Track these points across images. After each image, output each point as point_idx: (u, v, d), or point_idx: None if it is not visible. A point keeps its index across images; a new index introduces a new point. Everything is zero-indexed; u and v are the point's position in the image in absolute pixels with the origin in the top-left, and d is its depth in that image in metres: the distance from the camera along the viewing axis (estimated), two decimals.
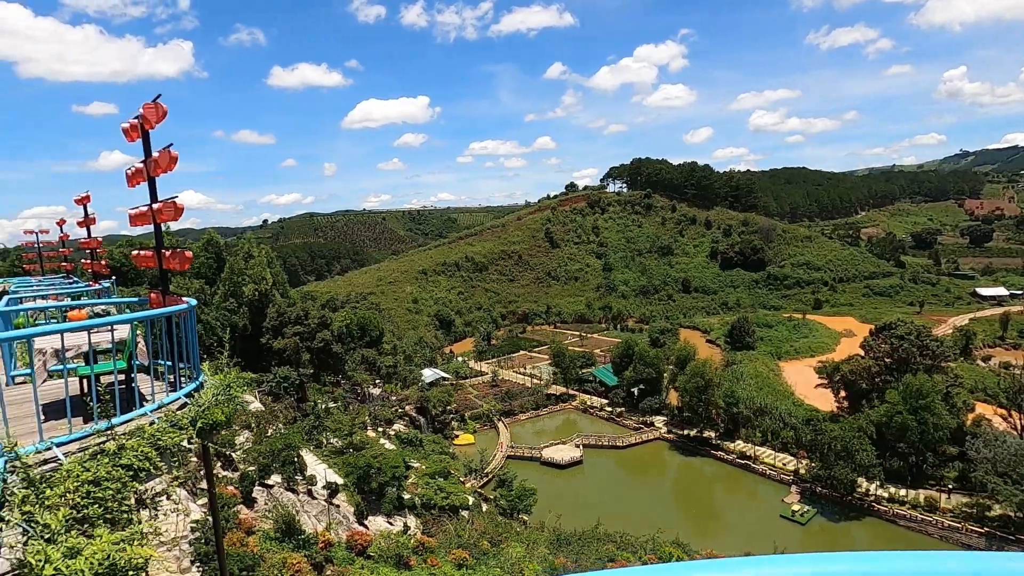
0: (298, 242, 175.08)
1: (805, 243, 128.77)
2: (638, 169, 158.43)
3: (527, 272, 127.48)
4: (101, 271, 10.85)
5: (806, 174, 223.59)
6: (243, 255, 38.33)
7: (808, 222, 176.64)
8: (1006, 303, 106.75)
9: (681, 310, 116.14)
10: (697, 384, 57.16)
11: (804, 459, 49.65)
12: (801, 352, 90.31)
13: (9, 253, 53.44)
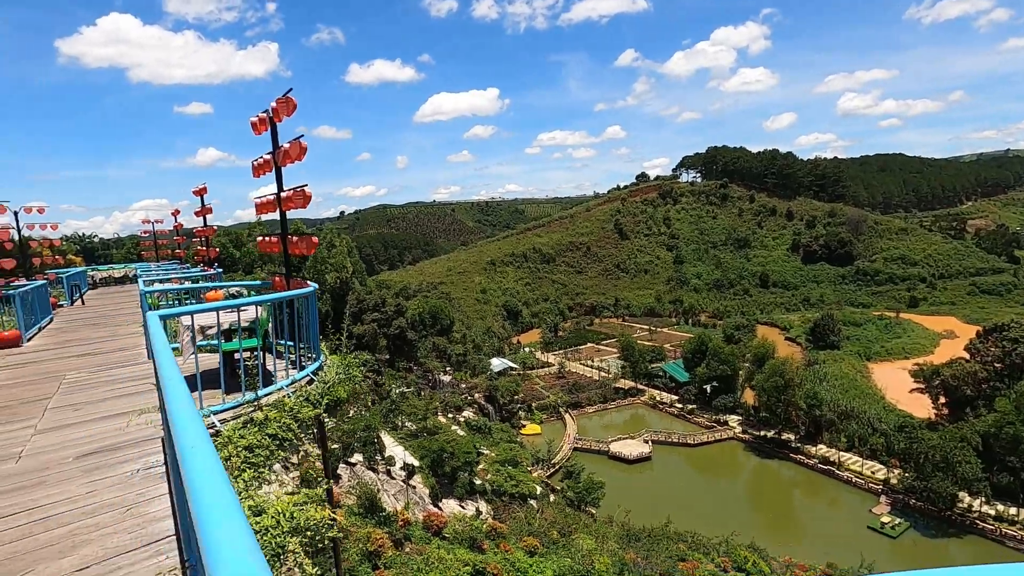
0: (372, 233, 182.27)
1: (900, 235, 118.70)
2: (714, 158, 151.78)
3: (595, 264, 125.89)
4: (214, 257, 11.87)
5: (903, 161, 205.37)
6: (326, 244, 40.37)
7: (904, 213, 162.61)
8: None
9: (758, 306, 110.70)
10: (776, 383, 54.42)
11: (896, 468, 46.18)
12: (893, 353, 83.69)
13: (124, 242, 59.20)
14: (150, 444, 4.24)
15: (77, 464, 3.90)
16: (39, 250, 16.89)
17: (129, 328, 10.87)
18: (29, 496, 3.42)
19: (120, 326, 11.30)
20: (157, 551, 2.67)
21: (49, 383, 6.55)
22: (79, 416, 5.15)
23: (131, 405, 5.32)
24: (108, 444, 4.30)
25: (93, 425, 4.84)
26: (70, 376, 6.85)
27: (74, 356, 8.29)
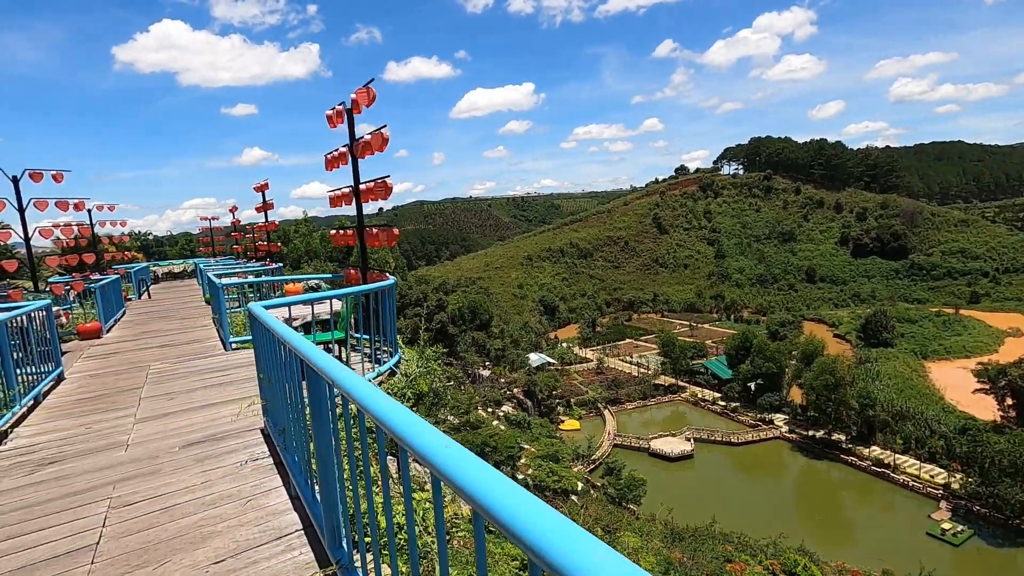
0: (409, 228, 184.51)
1: (960, 228, 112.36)
2: (757, 149, 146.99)
3: (633, 259, 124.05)
4: (276, 251, 12.15)
5: (962, 148, 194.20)
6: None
7: (963, 204, 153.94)
8: None
9: (804, 301, 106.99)
10: (826, 382, 52.46)
11: (957, 472, 43.89)
12: (953, 352, 79.40)
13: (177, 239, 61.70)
14: (250, 435, 4.28)
15: (185, 453, 3.95)
16: (107, 247, 17.69)
17: (198, 321, 11.20)
18: (147, 484, 3.46)
19: (188, 319, 11.67)
20: (288, 545, 2.63)
21: (137, 373, 6.77)
22: (174, 405, 5.26)
23: (220, 395, 5.43)
24: (210, 434, 4.36)
25: (191, 414, 4.94)
26: (155, 367, 7.06)
27: (154, 347, 8.57)
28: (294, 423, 2.94)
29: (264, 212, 11.66)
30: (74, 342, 9.49)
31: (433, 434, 1.22)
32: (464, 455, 1.12)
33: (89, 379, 6.61)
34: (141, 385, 6.11)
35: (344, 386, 1.79)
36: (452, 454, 1.14)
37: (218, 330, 9.28)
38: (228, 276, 12.11)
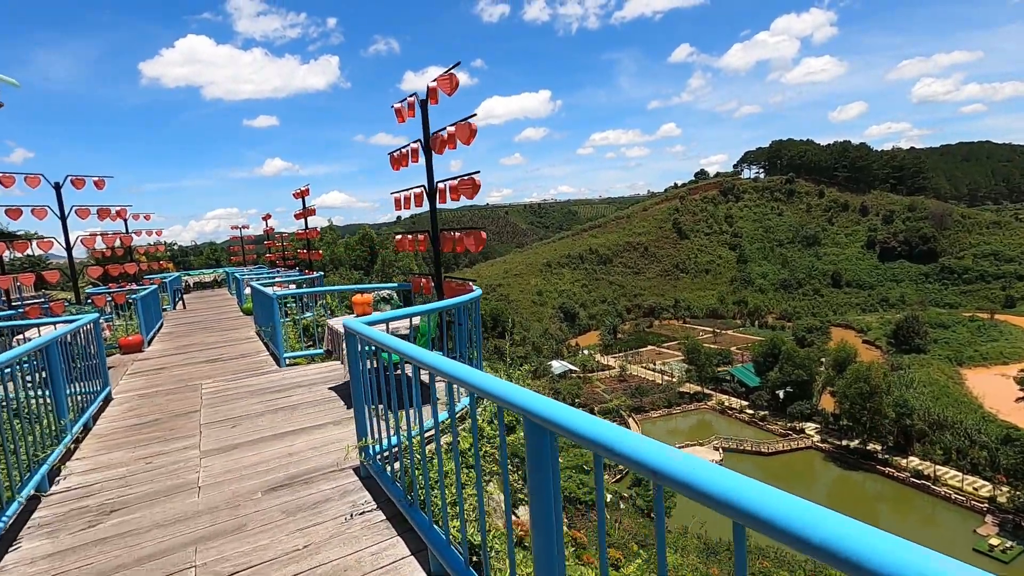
0: None
1: (992, 229, 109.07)
2: (778, 152, 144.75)
3: (653, 264, 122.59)
4: (317, 259, 11.66)
5: (990, 148, 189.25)
6: (393, 248, 40.72)
7: (993, 205, 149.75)
8: None
9: (830, 306, 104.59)
10: (861, 390, 50.83)
11: (1003, 485, 42.03)
12: (989, 358, 76.72)
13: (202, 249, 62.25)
14: (342, 477, 3.59)
15: (270, 501, 3.31)
16: (140, 257, 17.44)
17: (241, 333, 10.71)
18: (235, 547, 2.79)
19: (230, 331, 11.18)
20: None
21: (190, 393, 6.23)
22: (240, 435, 4.66)
23: (289, 422, 4.81)
24: (292, 474, 3.70)
25: (261, 447, 4.31)
26: (207, 386, 6.51)
27: (201, 362, 8.04)
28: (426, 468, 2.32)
29: (304, 218, 11.16)
30: (116, 356, 9.04)
31: None
32: None
33: (139, 400, 6.06)
34: (197, 408, 5.55)
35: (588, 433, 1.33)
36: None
37: (266, 344, 8.77)
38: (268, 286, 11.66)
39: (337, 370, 6.57)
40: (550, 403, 1.54)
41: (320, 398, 5.46)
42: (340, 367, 6.71)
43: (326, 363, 7.11)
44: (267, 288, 8.72)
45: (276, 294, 7.11)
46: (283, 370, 6.94)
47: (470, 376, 1.97)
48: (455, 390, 2.26)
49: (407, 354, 2.54)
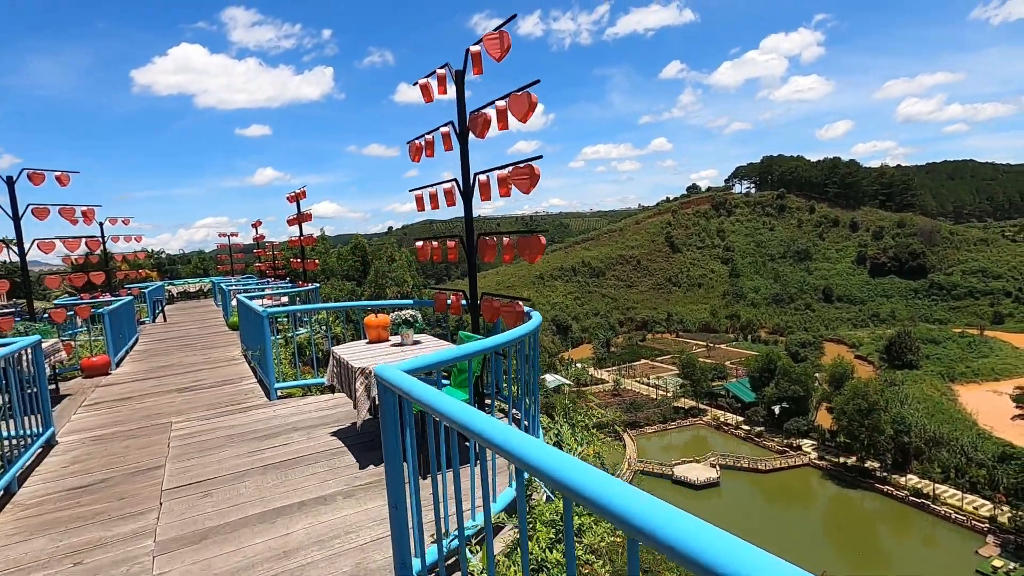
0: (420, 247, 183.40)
1: (980, 246, 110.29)
2: (769, 168, 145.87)
3: (646, 278, 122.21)
4: (313, 270, 10.46)
5: (974, 167, 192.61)
6: (386, 258, 39.51)
7: (978, 222, 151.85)
8: None
9: (822, 321, 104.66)
10: (859, 406, 50.20)
11: (1004, 505, 41.39)
12: (981, 374, 76.86)
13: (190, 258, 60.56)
14: None
15: None
16: (119, 264, 16.07)
17: (225, 353, 9.45)
18: None
19: (213, 349, 9.92)
20: None
21: (155, 437, 4.98)
22: (214, 512, 3.38)
23: (287, 490, 3.55)
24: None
25: (243, 537, 3.04)
26: (178, 426, 5.26)
27: (174, 390, 6.79)
28: None
29: (298, 224, 9.96)
30: (77, 380, 7.76)
31: None
32: None
33: (90, 446, 4.80)
34: (162, 463, 4.30)
35: None
36: None
37: (254, 368, 7.54)
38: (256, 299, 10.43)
39: (340, 406, 5.40)
40: None
41: (322, 448, 4.27)
42: (342, 400, 5.54)
43: (325, 395, 5.93)
44: (255, 302, 7.52)
45: (266, 312, 5.88)
46: (274, 404, 5.73)
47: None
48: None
49: (494, 443, 1.44)
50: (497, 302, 4.28)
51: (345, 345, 4.57)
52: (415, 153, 4.90)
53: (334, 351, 4.29)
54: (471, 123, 4.25)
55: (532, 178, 3.61)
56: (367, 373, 3.56)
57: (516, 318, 3.96)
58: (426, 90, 4.52)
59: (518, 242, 3.93)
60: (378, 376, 2.08)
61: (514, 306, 4.07)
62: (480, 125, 4.09)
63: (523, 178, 3.64)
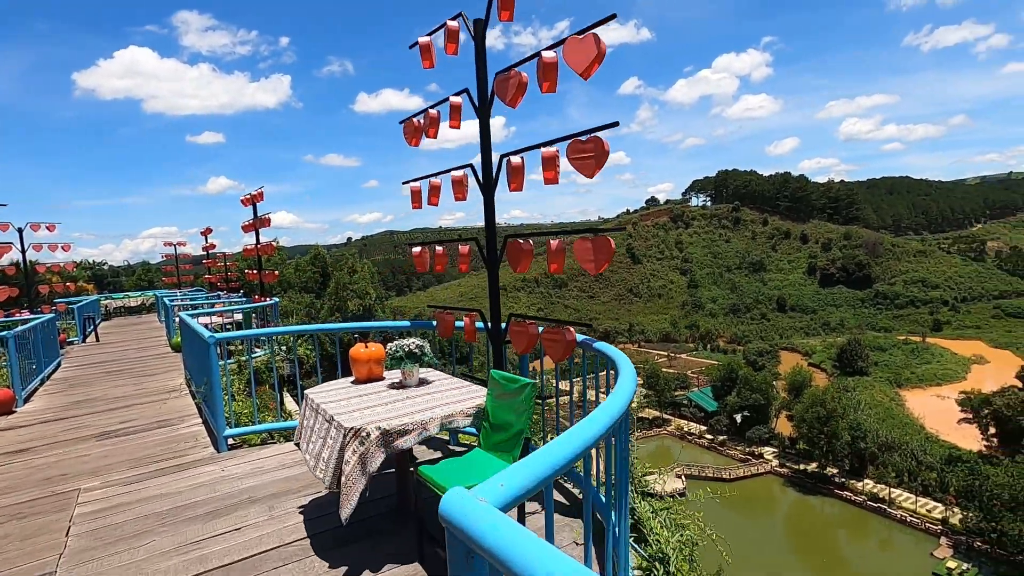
0: (379, 258, 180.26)
1: (919, 258, 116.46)
2: (724, 181, 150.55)
3: (608, 289, 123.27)
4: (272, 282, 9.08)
5: (910, 183, 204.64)
6: (348, 269, 37.71)
7: (915, 235, 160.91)
8: None
9: (776, 330, 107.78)
10: (818, 414, 51.37)
11: (955, 507, 42.83)
12: (925, 380, 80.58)
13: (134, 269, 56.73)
14: None
15: None
16: (47, 276, 14.10)
17: (164, 381, 7.97)
18: None
19: (149, 376, 8.40)
20: None
21: (49, 519, 3.56)
22: None
23: None
24: None
25: None
26: (87, 497, 3.86)
27: (92, 437, 5.35)
28: None
29: (255, 231, 8.58)
30: None
31: None
32: None
33: None
34: (53, 570, 2.95)
35: None
36: None
37: (199, 405, 6.22)
38: (202, 316, 8.97)
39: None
40: None
41: (292, 537, 2.94)
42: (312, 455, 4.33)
43: (289, 445, 4.69)
44: (202, 321, 6.18)
45: (214, 337, 4.60)
46: (223, 458, 4.42)
47: None
48: None
49: None
50: (533, 326, 3.25)
51: (322, 388, 3.37)
52: (413, 134, 3.85)
53: (308, 397, 3.11)
54: (498, 87, 3.22)
55: (599, 156, 2.62)
56: (363, 436, 2.44)
57: (564, 350, 2.98)
58: (427, 51, 3.50)
59: (576, 245, 2.91)
60: (446, 518, 1.00)
61: (563, 333, 3.06)
62: (512, 89, 3.07)
63: (586, 157, 2.65)
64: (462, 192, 3.60)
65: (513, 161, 3.25)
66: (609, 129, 2.57)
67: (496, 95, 3.28)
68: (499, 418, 2.69)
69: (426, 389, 3.22)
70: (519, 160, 3.20)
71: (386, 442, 2.50)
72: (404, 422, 2.57)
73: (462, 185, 3.58)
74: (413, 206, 3.96)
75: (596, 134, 2.62)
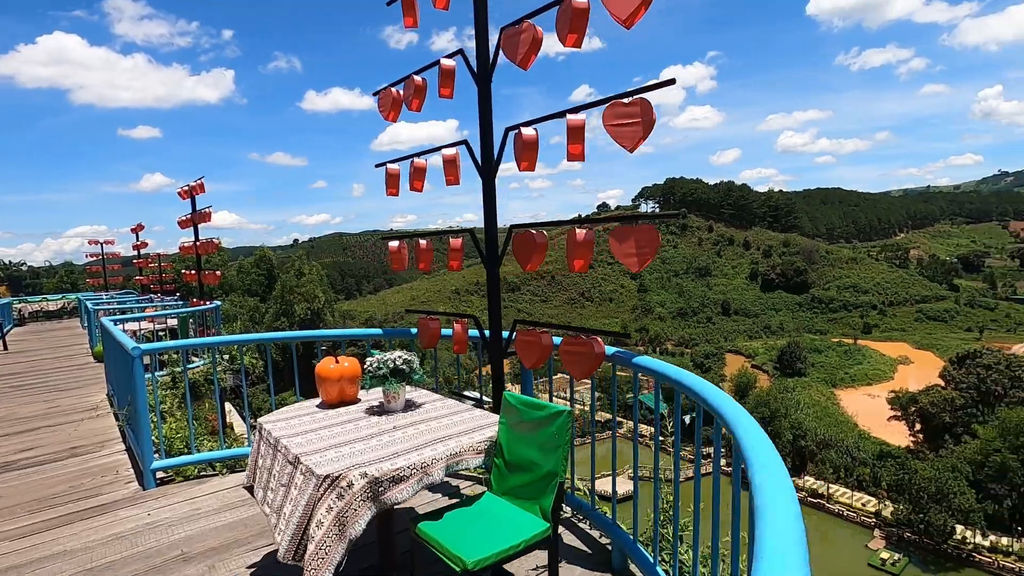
0: (328, 261, 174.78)
1: (850, 265, 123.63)
2: (672, 189, 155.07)
3: (560, 293, 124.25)
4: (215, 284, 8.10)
5: (841, 194, 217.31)
6: (295, 272, 35.97)
7: (846, 243, 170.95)
8: None
9: (721, 333, 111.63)
10: (763, 414, 53.35)
11: (886, 500, 45.27)
12: (857, 380, 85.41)
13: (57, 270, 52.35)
14: None
15: None
16: None
17: (82, 397, 6.89)
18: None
19: (65, 391, 7.28)
20: None
21: None
22: None
23: None
24: None
25: None
26: None
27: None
28: None
29: (194, 226, 7.58)
30: None
31: None
32: None
33: None
34: None
35: None
36: None
37: (122, 428, 5.28)
38: (129, 322, 7.88)
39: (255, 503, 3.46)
40: None
41: None
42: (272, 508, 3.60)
43: (234, 478, 3.94)
44: (128, 330, 5.25)
45: (139, 349, 3.76)
46: (148, 498, 3.56)
47: None
48: None
49: None
50: (546, 336, 2.70)
51: (281, 414, 2.65)
52: (391, 107, 3.24)
53: (262, 428, 2.42)
54: (506, 44, 2.65)
55: (646, 122, 2.12)
56: (343, 487, 1.79)
57: (590, 365, 2.45)
58: (409, 6, 2.90)
59: (617, 235, 2.38)
60: None
61: (592, 344, 2.53)
62: (525, 46, 2.51)
63: (630, 123, 2.13)
64: (454, 174, 3.02)
65: (526, 134, 2.69)
66: (659, 90, 2.08)
67: (504, 54, 2.72)
68: (517, 455, 2.12)
69: (416, 415, 2.60)
70: (533, 133, 2.65)
71: (375, 494, 1.86)
72: (398, 465, 1.94)
73: (454, 166, 3.00)
74: (389, 192, 3.35)
75: (643, 95, 2.12)
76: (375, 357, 2.60)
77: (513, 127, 2.80)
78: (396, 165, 3.44)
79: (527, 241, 2.84)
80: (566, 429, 2.07)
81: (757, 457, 1.39)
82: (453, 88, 3.01)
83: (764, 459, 1.38)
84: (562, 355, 2.75)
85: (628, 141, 2.22)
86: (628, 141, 2.22)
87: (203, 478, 3.99)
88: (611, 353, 2.71)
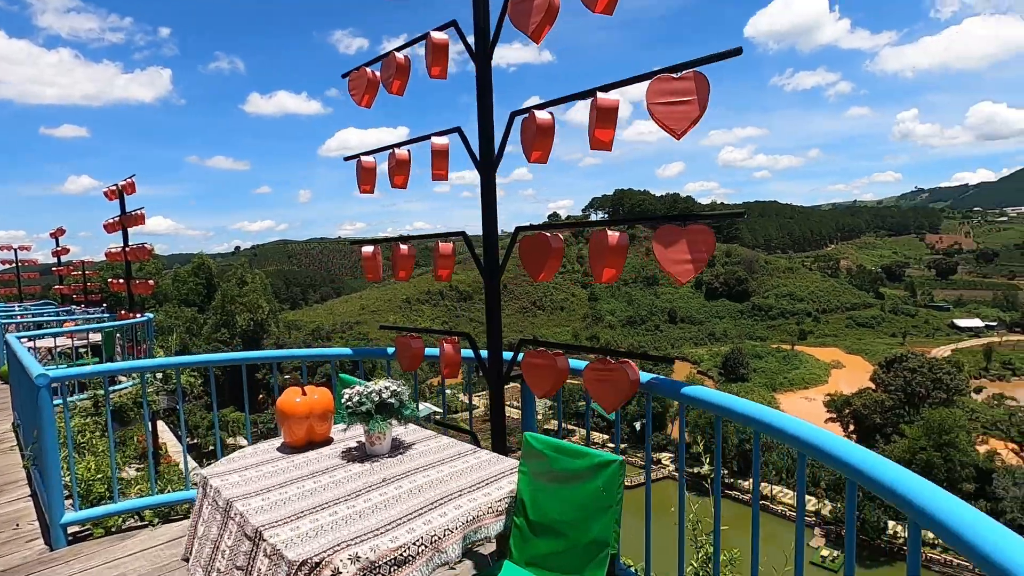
0: (272, 269, 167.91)
1: (787, 274, 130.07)
2: (620, 200, 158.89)
3: (512, 302, 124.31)
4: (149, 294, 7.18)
5: (777, 207, 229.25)
6: (236, 281, 34.01)
7: (782, 254, 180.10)
8: (983, 334, 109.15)
9: (669, 341, 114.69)
10: (709, 419, 54.76)
11: (824, 499, 47.31)
12: (795, 384, 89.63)
13: None
14: None
15: None
16: None
17: None
18: None
19: None
20: None
21: None
22: None
23: None
24: None
25: None
26: None
27: None
28: None
29: (123, 229, 6.68)
30: None
31: None
32: None
33: None
34: None
35: None
36: None
37: (28, 468, 4.41)
38: (47, 336, 6.85)
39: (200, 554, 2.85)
40: None
41: None
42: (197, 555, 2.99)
43: (168, 529, 3.20)
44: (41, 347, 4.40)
45: (47, 376, 3.02)
46: (57, 562, 2.85)
47: None
48: None
49: None
50: (562, 358, 2.29)
51: (232, 462, 2.08)
52: (365, 90, 2.76)
53: (207, 483, 1.83)
54: (514, 12, 2.22)
55: (702, 100, 1.75)
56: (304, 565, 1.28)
57: (626, 392, 2.06)
58: None
59: (663, 237, 2.00)
60: None
61: (624, 370, 2.12)
62: (540, 14, 2.09)
63: (682, 102, 1.76)
64: (443, 167, 2.58)
65: (540, 119, 2.28)
66: (723, 60, 1.72)
67: (512, 22, 2.30)
68: (546, 513, 1.68)
69: (408, 460, 2.10)
70: (548, 117, 2.25)
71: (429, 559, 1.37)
72: (401, 542, 1.40)
73: (445, 158, 2.56)
74: (362, 189, 2.87)
75: (699, 68, 1.75)
76: (355, 388, 2.10)
77: (520, 111, 2.40)
78: (371, 158, 2.96)
79: (540, 245, 2.43)
80: (617, 485, 1.65)
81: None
82: (446, 66, 2.57)
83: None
84: (588, 383, 2.35)
85: (678, 123, 1.85)
86: (678, 123, 1.85)
87: (129, 532, 3.27)
88: (645, 381, 2.32)
